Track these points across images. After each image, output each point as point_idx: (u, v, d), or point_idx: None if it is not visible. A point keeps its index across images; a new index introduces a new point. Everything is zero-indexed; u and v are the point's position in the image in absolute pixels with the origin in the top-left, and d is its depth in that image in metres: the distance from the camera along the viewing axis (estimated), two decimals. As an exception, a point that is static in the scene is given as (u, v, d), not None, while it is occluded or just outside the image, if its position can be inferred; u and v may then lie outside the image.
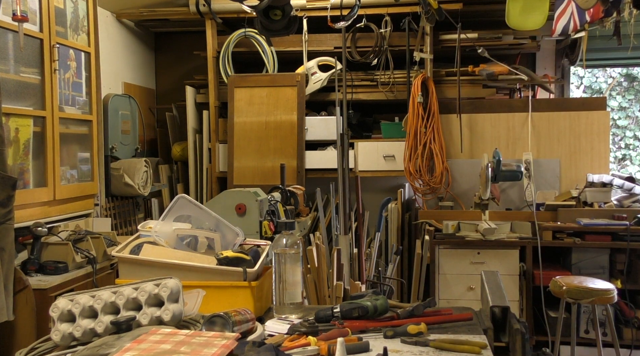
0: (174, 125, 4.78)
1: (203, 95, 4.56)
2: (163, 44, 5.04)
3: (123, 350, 1.21)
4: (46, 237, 2.88)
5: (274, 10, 3.33)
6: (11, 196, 2.49)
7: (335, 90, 4.22)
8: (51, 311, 1.45)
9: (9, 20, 2.81)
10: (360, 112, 4.45)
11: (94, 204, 3.70)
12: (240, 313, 1.48)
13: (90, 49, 3.66)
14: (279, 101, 4.29)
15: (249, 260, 1.77)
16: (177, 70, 4.97)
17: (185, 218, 1.94)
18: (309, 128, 4.28)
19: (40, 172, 3.13)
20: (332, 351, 1.35)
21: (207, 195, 4.43)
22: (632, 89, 7.37)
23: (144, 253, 1.80)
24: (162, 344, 1.24)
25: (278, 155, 4.26)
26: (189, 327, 1.47)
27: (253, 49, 4.35)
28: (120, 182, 3.94)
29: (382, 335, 1.53)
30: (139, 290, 1.47)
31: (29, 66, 3.06)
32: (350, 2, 3.91)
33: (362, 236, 4.20)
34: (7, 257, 2.44)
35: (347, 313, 1.59)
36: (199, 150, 4.55)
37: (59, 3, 3.33)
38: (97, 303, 1.46)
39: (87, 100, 3.64)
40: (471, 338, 1.51)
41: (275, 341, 1.44)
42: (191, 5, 4.28)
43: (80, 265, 2.91)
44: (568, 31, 3.48)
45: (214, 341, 1.26)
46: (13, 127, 2.90)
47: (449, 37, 4.26)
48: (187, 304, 1.53)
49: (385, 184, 4.71)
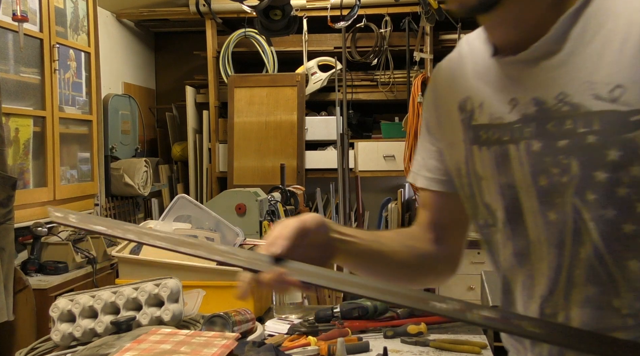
0: (174, 125, 4.78)
1: (203, 95, 4.56)
2: (163, 44, 5.04)
3: (123, 350, 1.21)
4: (46, 237, 2.88)
5: (274, 10, 3.33)
6: (11, 196, 2.49)
7: (335, 90, 4.22)
8: (51, 311, 1.45)
9: (9, 20, 2.81)
10: (360, 112, 4.45)
11: (94, 204, 3.70)
12: (240, 313, 1.48)
13: (90, 48, 3.66)
14: (279, 101, 4.29)
15: (249, 260, 1.77)
16: (177, 70, 4.96)
17: (185, 218, 1.94)
18: (309, 128, 4.28)
19: (40, 172, 3.13)
20: (332, 351, 1.35)
21: (207, 195, 4.43)
22: (632, 88, 7.35)
23: (144, 253, 1.80)
24: (162, 344, 1.24)
25: (278, 155, 4.25)
26: (189, 327, 1.47)
27: (253, 49, 4.35)
28: (120, 182, 3.94)
29: (382, 335, 1.53)
30: (139, 290, 1.47)
31: (29, 66, 3.06)
32: (350, 2, 3.91)
33: (362, 236, 4.20)
34: (7, 256, 2.44)
35: (347, 313, 1.59)
36: (199, 150, 4.55)
37: (59, 3, 3.33)
38: (97, 303, 1.46)
39: (87, 100, 3.64)
40: (471, 338, 1.51)
41: (275, 341, 1.44)
42: (191, 5, 4.28)
43: (80, 265, 2.91)
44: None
45: (214, 341, 1.26)
46: (13, 127, 2.90)
47: (449, 37, 4.26)
48: (187, 304, 1.53)
49: (385, 184, 4.71)
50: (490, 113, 0.88)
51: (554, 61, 0.81)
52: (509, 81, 0.86)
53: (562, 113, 0.80)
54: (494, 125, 0.88)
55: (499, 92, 0.87)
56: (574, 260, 0.83)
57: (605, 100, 0.77)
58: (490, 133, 0.89)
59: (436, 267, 1.07)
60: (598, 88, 0.77)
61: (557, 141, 0.81)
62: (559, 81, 0.81)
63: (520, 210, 0.88)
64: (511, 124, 0.85)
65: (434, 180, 1.04)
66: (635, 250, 0.80)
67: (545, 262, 0.86)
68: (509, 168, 0.87)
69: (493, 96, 0.88)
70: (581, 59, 0.79)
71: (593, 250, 0.82)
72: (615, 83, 0.76)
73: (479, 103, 0.90)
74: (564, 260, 0.84)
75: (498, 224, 0.92)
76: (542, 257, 0.86)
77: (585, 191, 0.80)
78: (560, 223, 0.83)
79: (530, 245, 0.88)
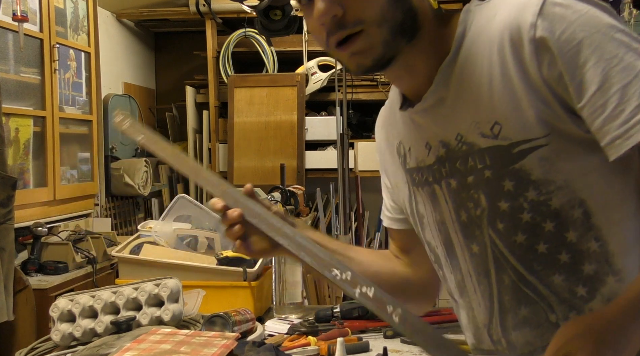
0: (174, 125, 4.78)
1: (203, 95, 4.56)
2: (163, 44, 5.03)
3: (123, 350, 1.21)
4: (46, 237, 2.88)
5: (274, 10, 3.33)
6: (11, 196, 2.49)
7: (335, 90, 4.21)
8: (51, 311, 1.45)
9: (9, 20, 2.81)
10: (360, 112, 4.45)
11: (94, 204, 3.70)
12: (240, 313, 1.48)
13: (90, 49, 3.66)
14: (279, 101, 4.28)
15: (249, 260, 1.77)
16: (177, 70, 4.96)
17: (185, 218, 1.94)
18: (309, 128, 4.27)
19: (40, 172, 3.13)
20: (332, 351, 1.35)
21: (207, 195, 4.43)
22: (632, 88, 7.35)
23: (144, 253, 1.80)
24: (162, 344, 1.24)
25: (278, 155, 4.25)
26: (189, 327, 1.47)
27: (253, 49, 4.35)
28: (120, 182, 3.94)
29: (382, 335, 1.53)
30: (139, 290, 1.47)
31: (29, 66, 3.06)
32: (350, 2, 3.91)
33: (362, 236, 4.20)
34: (7, 256, 2.44)
35: (347, 313, 1.58)
36: (199, 150, 4.55)
37: (59, 3, 3.33)
38: (97, 303, 1.46)
39: (87, 100, 3.64)
40: (471, 338, 1.51)
41: (275, 341, 1.44)
42: (191, 5, 4.28)
43: (80, 265, 2.91)
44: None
45: (214, 341, 1.26)
46: (13, 127, 2.90)
47: (449, 37, 4.26)
48: (187, 304, 1.53)
49: (385, 184, 4.70)
50: (416, 157, 0.95)
51: (446, 106, 0.88)
52: (419, 128, 0.93)
53: (464, 152, 0.87)
54: (420, 167, 0.95)
55: (417, 137, 0.94)
56: (501, 287, 0.88)
57: (489, 136, 0.84)
58: (420, 176, 0.96)
59: (409, 288, 1.10)
60: (482, 126, 0.84)
61: (467, 177, 0.88)
62: (454, 124, 0.87)
63: (452, 245, 0.94)
64: (431, 166, 0.93)
65: (394, 219, 1.10)
66: (555, 265, 0.84)
67: (478, 293, 0.92)
68: (438, 206, 0.94)
69: (414, 141, 0.95)
70: (464, 102, 0.86)
71: (515, 275, 0.87)
72: (494, 120, 0.83)
73: (408, 148, 0.97)
74: (492, 289, 0.89)
75: (440, 260, 0.98)
76: (475, 287, 0.92)
77: (496, 221, 0.87)
78: (482, 254, 0.89)
79: (465, 278, 0.94)
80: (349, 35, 0.83)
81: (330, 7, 0.80)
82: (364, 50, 0.83)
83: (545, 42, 0.77)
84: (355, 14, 0.81)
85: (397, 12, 0.82)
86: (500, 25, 0.82)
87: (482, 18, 0.85)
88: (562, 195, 0.82)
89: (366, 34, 0.82)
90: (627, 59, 0.75)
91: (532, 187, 0.83)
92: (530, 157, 0.81)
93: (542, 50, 0.77)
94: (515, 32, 0.79)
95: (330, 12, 0.81)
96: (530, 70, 0.79)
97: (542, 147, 0.80)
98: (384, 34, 0.82)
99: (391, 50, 0.84)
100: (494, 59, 0.82)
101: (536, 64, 0.78)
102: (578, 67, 0.76)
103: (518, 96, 0.80)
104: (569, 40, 0.76)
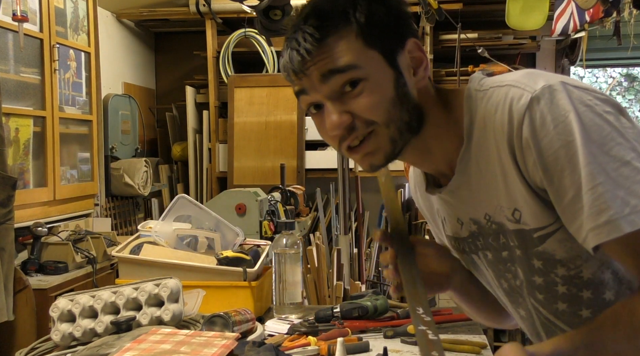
0: (174, 125, 4.78)
1: (203, 95, 4.56)
2: (163, 44, 5.03)
3: (123, 350, 1.21)
4: (46, 237, 2.88)
5: (274, 10, 3.33)
6: (11, 196, 2.49)
7: (335, 90, 4.21)
8: (51, 311, 1.45)
9: (9, 20, 2.81)
10: (360, 112, 4.45)
11: (94, 204, 3.70)
12: (240, 313, 1.48)
13: (90, 49, 3.66)
14: (279, 101, 4.28)
15: (249, 260, 1.77)
16: (177, 70, 4.96)
17: (185, 218, 1.94)
18: (309, 128, 4.27)
19: (40, 172, 3.13)
20: (332, 351, 1.35)
21: (207, 195, 4.43)
22: (632, 88, 7.37)
23: (144, 253, 1.80)
24: (162, 344, 1.24)
25: (278, 155, 4.25)
26: (189, 327, 1.47)
27: (253, 49, 4.35)
28: (120, 182, 3.94)
29: (382, 335, 1.53)
30: (139, 290, 1.47)
31: (29, 66, 3.06)
32: (350, 2, 3.90)
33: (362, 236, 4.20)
34: (7, 256, 2.44)
35: (347, 313, 1.59)
36: (199, 150, 4.55)
37: (59, 3, 3.33)
38: (97, 303, 1.46)
39: (87, 100, 3.64)
40: (471, 338, 1.51)
41: (275, 341, 1.44)
42: (191, 5, 4.28)
43: (80, 265, 2.91)
44: (568, 31, 3.47)
45: (214, 341, 1.26)
46: (13, 127, 2.90)
47: (449, 37, 4.26)
48: (187, 304, 1.53)
49: (385, 184, 4.70)
50: (451, 228, 1.01)
51: (472, 189, 0.92)
52: (449, 205, 0.99)
53: (494, 230, 0.92)
54: (456, 238, 1.01)
55: (448, 212, 1.00)
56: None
57: (512, 221, 0.89)
58: (457, 244, 1.02)
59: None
60: (505, 211, 0.89)
61: (501, 252, 0.93)
62: (482, 204, 0.92)
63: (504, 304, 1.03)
64: (466, 239, 0.99)
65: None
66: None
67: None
68: (481, 272, 1.01)
69: (447, 215, 1.02)
70: (486, 186, 0.90)
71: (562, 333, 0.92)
72: (514, 207, 0.88)
73: (443, 217, 1.03)
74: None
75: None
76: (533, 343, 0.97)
77: (534, 292, 0.93)
78: (529, 319, 0.97)
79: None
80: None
81: (342, 119, 0.87)
82: (374, 151, 0.89)
83: (529, 143, 0.82)
84: (364, 118, 0.87)
85: (402, 112, 0.87)
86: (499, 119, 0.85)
87: (485, 110, 0.88)
88: (590, 265, 0.87)
89: (375, 135, 0.88)
90: (600, 163, 0.78)
91: (560, 265, 0.88)
92: (549, 241, 0.87)
93: (527, 150, 0.82)
94: (508, 129, 0.84)
95: (343, 124, 0.87)
96: (522, 167, 0.85)
97: (557, 231, 0.86)
98: (391, 133, 0.88)
99: (399, 145, 0.89)
100: (503, 155, 0.86)
101: (524, 162, 0.84)
102: (556, 173, 0.80)
103: (523, 188, 0.85)
104: (547, 147, 0.80)
